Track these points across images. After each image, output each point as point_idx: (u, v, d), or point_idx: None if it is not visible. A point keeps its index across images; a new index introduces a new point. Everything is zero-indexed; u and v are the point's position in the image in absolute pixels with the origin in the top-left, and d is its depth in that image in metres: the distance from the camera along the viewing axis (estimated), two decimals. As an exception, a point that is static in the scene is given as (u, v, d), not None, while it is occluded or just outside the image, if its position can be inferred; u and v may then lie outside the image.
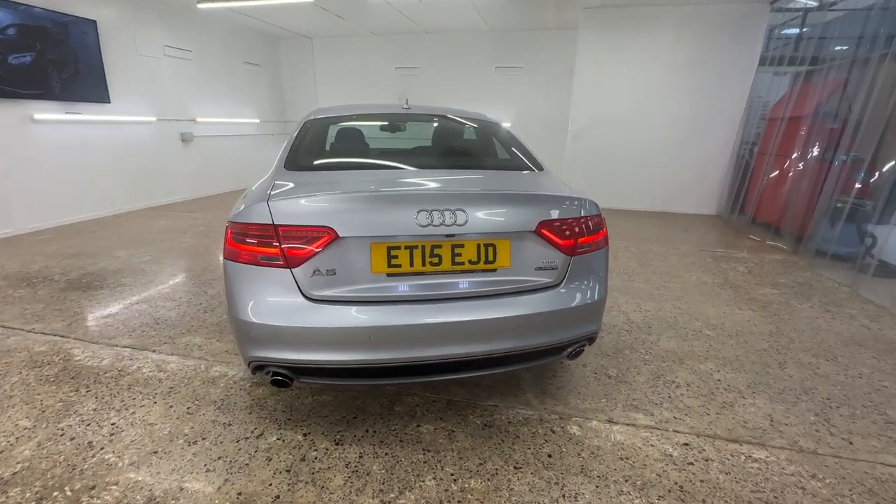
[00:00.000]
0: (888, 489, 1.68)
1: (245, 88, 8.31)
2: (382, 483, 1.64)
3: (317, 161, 2.23)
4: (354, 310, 1.59)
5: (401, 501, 1.56)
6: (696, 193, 6.85)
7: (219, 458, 1.73)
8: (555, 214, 1.74)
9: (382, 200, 1.63)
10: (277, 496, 1.57)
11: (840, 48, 5.10)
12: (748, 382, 2.35)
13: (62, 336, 2.69)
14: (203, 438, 1.84)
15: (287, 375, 1.66)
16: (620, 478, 1.69)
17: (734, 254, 4.76)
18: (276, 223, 1.57)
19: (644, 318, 3.09)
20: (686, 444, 1.88)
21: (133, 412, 2.00)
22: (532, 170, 2.23)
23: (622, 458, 1.79)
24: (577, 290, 1.81)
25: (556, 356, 1.89)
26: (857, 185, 4.20)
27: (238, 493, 1.57)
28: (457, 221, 1.61)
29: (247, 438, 1.85)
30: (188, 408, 2.04)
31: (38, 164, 5.09)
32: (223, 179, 7.98)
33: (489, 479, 1.67)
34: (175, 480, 1.62)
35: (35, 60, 4.84)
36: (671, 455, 1.82)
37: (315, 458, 1.75)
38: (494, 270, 1.70)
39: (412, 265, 1.63)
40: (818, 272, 4.19)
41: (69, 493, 1.55)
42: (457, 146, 2.61)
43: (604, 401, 2.17)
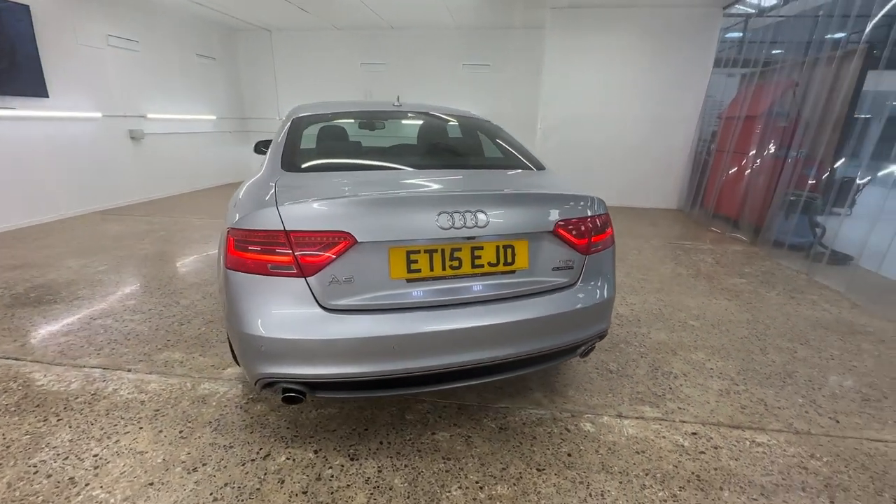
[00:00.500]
0: (877, 463, 1.81)
1: (199, 83, 7.82)
2: (407, 497, 1.57)
3: (317, 161, 2.11)
4: (375, 318, 1.51)
5: (430, 515, 1.50)
6: (659, 189, 7.17)
7: (225, 485, 1.60)
8: (570, 214, 1.74)
9: (402, 203, 1.56)
10: (298, 521, 1.47)
11: (789, 51, 5.48)
12: (738, 369, 2.47)
13: (16, 359, 2.40)
14: (203, 464, 1.69)
15: (300, 391, 1.56)
16: (641, 472, 1.72)
17: (700, 246, 5.01)
18: (288, 229, 1.46)
19: (632, 312, 3.18)
20: (694, 434, 1.94)
21: (117, 440, 1.81)
22: (537, 168, 2.22)
23: (638, 452, 1.82)
24: (592, 289, 1.82)
25: (572, 355, 1.89)
26: (810, 181, 4.53)
27: (253, 522, 1.46)
28: (477, 223, 1.57)
29: (253, 461, 1.72)
30: (180, 431, 1.87)
31: (-34, 166, 4.54)
32: (178, 180, 7.48)
33: (515, 484, 1.65)
34: (179, 513, 1.48)
35: (-42, 49, 4.30)
36: (683, 445, 1.87)
37: (331, 477, 1.65)
38: (513, 272, 1.67)
39: (432, 269, 1.57)
40: (777, 261, 4.49)
41: (56, 539, 1.38)
42: (459, 145, 2.56)
43: (610, 396, 2.20)
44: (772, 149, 5.00)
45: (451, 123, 2.65)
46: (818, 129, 4.67)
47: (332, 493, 1.58)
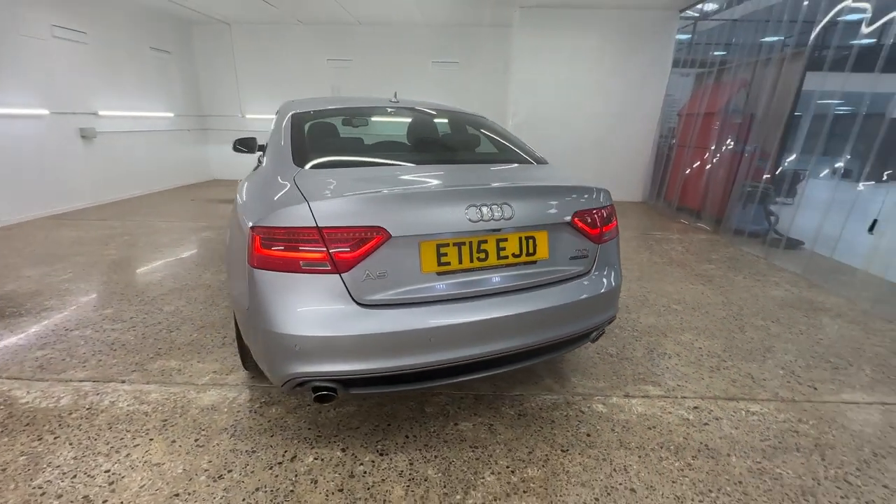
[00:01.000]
0: (853, 423, 2.02)
1: (154, 78, 7.37)
2: (444, 486, 1.60)
3: (330, 157, 2.07)
4: (409, 312, 1.52)
5: (470, 502, 1.54)
6: (625, 182, 7.51)
7: (257, 490, 1.56)
8: (585, 205, 1.82)
9: (434, 197, 1.57)
10: (339, 519, 1.46)
11: (739, 53, 5.89)
12: (723, 347, 2.66)
13: (-11, 377, 2.21)
14: (229, 471, 1.64)
15: (333, 389, 1.54)
16: (655, 445, 1.84)
17: (669, 236, 5.32)
18: (321, 225, 1.44)
19: (620, 299, 3.33)
20: (696, 408, 2.09)
21: (128, 454, 1.71)
22: (538, 163, 2.29)
23: (650, 428, 1.94)
24: (604, 277, 1.91)
25: (586, 340, 1.98)
26: (765, 174, 4.92)
27: (294, 524, 1.44)
28: (504, 215, 1.61)
29: (280, 463, 1.68)
30: (196, 440, 1.80)
31: None
32: (135, 181, 7.03)
33: (543, 466, 1.71)
34: (214, 522, 1.43)
35: None
36: (688, 419, 2.01)
37: (364, 473, 1.65)
38: (535, 262, 1.73)
39: (461, 262, 1.60)
40: (739, 248, 4.84)
41: (85, 560, 1.30)
42: (465, 140, 2.57)
43: (614, 378, 2.32)
44: (730, 144, 5.38)
45: (452, 119, 2.67)
46: (767, 126, 5.08)
47: (369, 489, 1.58)
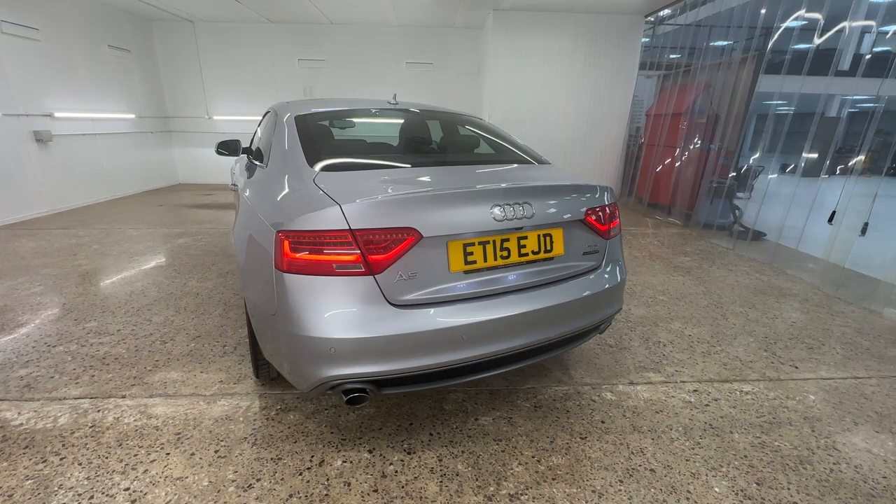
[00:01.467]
0: (834, 396, 2.21)
1: (114, 78, 6.98)
2: (476, 479, 1.64)
3: (346, 160, 2.06)
4: (440, 311, 1.55)
5: (503, 492, 1.59)
6: (597, 180, 7.76)
7: (290, 496, 1.54)
8: (595, 202, 1.91)
9: (463, 197, 1.61)
10: (379, 518, 1.47)
11: (700, 56, 6.25)
12: (710, 333, 2.84)
13: (-29, 399, 2.06)
14: (257, 480, 1.61)
15: (365, 390, 1.55)
16: (665, 428, 1.95)
17: (644, 231, 5.57)
18: (354, 227, 1.45)
19: (609, 292, 3.48)
20: (696, 391, 2.23)
21: (146, 470, 1.65)
22: (540, 163, 2.37)
23: (658, 412, 2.06)
24: (613, 271, 2.01)
25: (596, 333, 2.07)
26: (731, 172, 5.24)
27: (335, 526, 1.44)
28: (525, 214, 1.67)
29: (309, 469, 1.67)
30: (216, 451, 1.75)
31: None
32: (95, 187, 6.65)
33: (566, 454, 1.78)
34: (252, 532, 1.41)
35: None
36: (690, 402, 2.14)
37: (396, 472, 1.67)
38: (552, 259, 1.80)
39: (486, 260, 1.65)
40: (709, 240, 5.15)
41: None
42: (471, 142, 2.59)
43: (616, 367, 2.43)
44: (697, 142, 5.70)
45: (453, 121, 2.70)
46: (728, 125, 5.43)
47: (403, 487, 1.60)
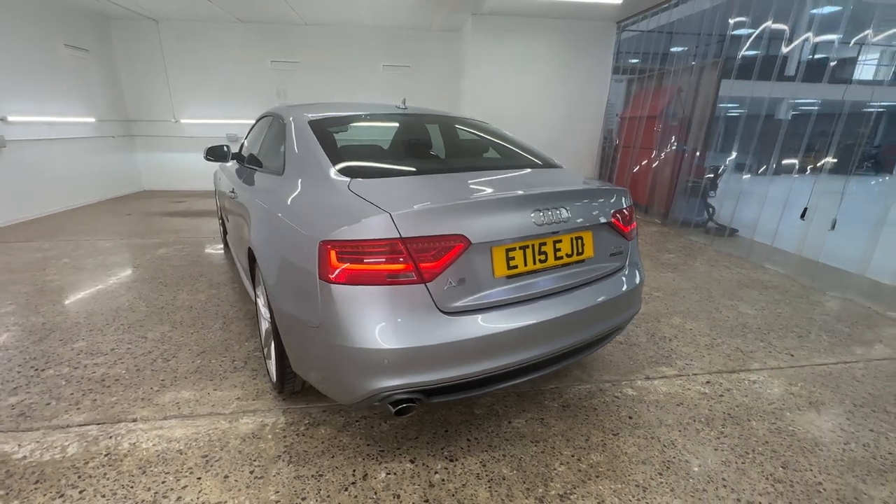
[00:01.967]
0: (830, 381, 2.38)
1: (72, 79, 6.54)
2: (523, 482, 1.65)
3: (376, 165, 2.02)
4: (487, 316, 1.56)
5: (552, 493, 1.61)
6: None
7: (341, 513, 1.50)
8: (619, 205, 1.97)
9: (507, 203, 1.62)
10: (437, 528, 1.45)
11: (669, 62, 6.56)
12: (709, 327, 2.98)
13: (-42, 433, 1.87)
14: (303, 499, 1.56)
15: (413, 400, 1.53)
16: (689, 419, 2.03)
17: (626, 229, 5.77)
18: (404, 236, 1.43)
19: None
20: (708, 382, 2.34)
21: (178, 497, 1.56)
22: (559, 167, 2.42)
23: (679, 405, 2.14)
24: (634, 272, 2.07)
25: (618, 333, 2.13)
26: (705, 172, 5.53)
27: (394, 541, 1.41)
28: (562, 218, 1.70)
29: (353, 483, 1.63)
30: (251, 472, 1.68)
31: None
32: (55, 195, 6.21)
33: (603, 451, 1.83)
34: (309, 553, 1.36)
35: None
36: (706, 393, 2.24)
37: (443, 481, 1.65)
38: (583, 261, 1.84)
39: (526, 264, 1.66)
40: (687, 238, 5.40)
41: None
42: (490, 146, 2.59)
43: (631, 363, 2.51)
44: (672, 143, 5.97)
45: (468, 125, 2.70)
46: (697, 127, 5.73)
47: (454, 496, 1.59)
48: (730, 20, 5.37)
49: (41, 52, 5.99)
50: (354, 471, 1.69)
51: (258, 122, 3.31)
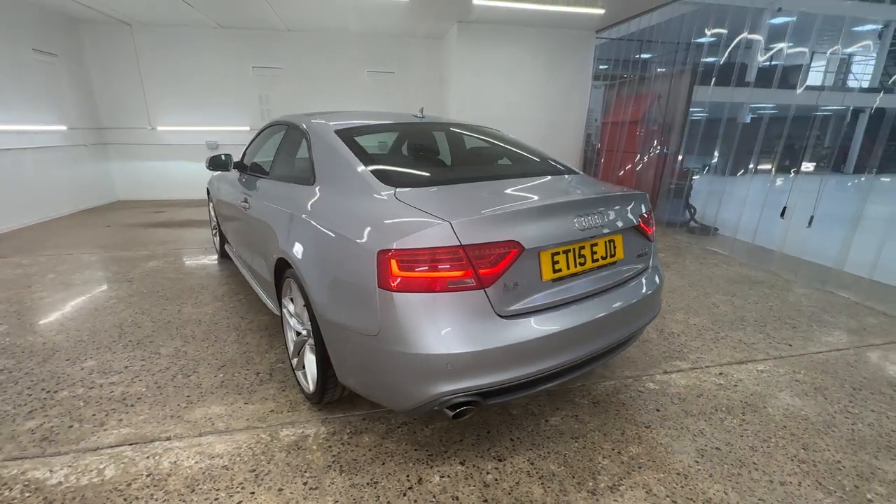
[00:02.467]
0: (828, 367, 2.57)
1: (41, 86, 6.22)
2: (572, 477, 1.72)
3: (412, 174, 2.04)
4: (538, 319, 1.62)
5: (602, 485, 1.68)
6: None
7: (405, 518, 1.52)
8: (643, 208, 2.08)
9: (556, 209, 1.69)
10: (501, 526, 1.50)
11: (644, 69, 6.86)
12: (711, 321, 3.15)
13: (-21, 462, 1.78)
14: (363, 506, 1.57)
15: (471, 403, 1.57)
16: (711, 409, 2.16)
17: (614, 230, 5.98)
18: (464, 243, 1.47)
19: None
20: (721, 374, 2.48)
21: (236, 513, 1.54)
22: (578, 172, 2.51)
23: (699, 396, 2.27)
24: (656, 272, 2.19)
25: (640, 332, 2.23)
26: (690, 174, 5.81)
27: (463, 541, 1.44)
28: (600, 222, 1.79)
29: (410, 488, 1.65)
30: (304, 483, 1.67)
31: None
32: (25, 208, 5.88)
33: (640, 443, 1.92)
34: (383, 559, 1.38)
35: None
36: (721, 384, 2.38)
37: (496, 481, 1.70)
38: (615, 263, 1.93)
39: (569, 267, 1.74)
40: (673, 237, 5.65)
41: None
42: (513, 154, 2.64)
43: (646, 359, 2.63)
44: (654, 147, 6.24)
45: (487, 134, 2.75)
46: (675, 131, 6.03)
47: (510, 494, 1.64)
48: (706, 30, 5.68)
49: (6, 57, 5.67)
50: (408, 476, 1.72)
51: (264, 131, 3.28)
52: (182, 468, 1.75)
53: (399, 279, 1.47)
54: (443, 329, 1.47)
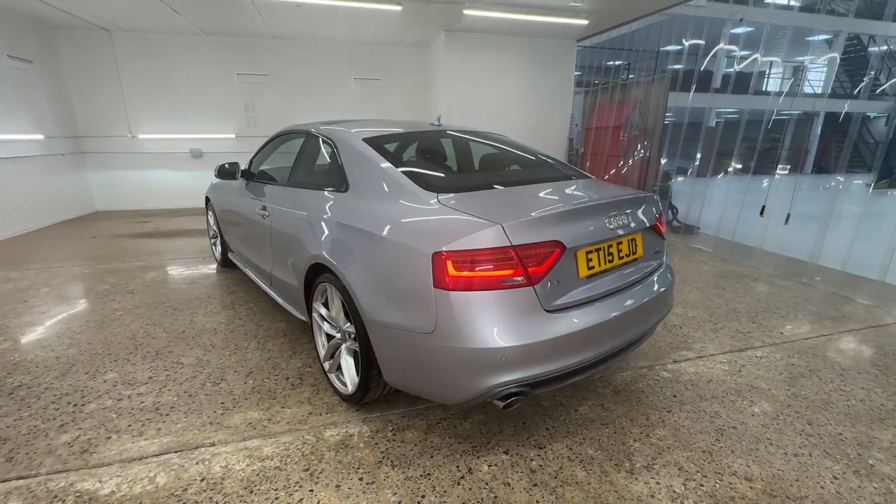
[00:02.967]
0: (818, 351, 2.81)
1: (16, 93, 5.98)
2: (610, 459, 1.85)
3: (453, 180, 2.15)
4: (578, 313, 1.74)
5: (638, 465, 1.81)
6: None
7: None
8: (657, 209, 2.24)
9: (592, 210, 1.82)
10: (554, 507, 1.61)
11: (620, 76, 7.19)
12: (707, 314, 3.37)
13: (21, 477, 1.76)
14: (422, 497, 1.65)
15: (521, 393, 1.68)
16: (721, 393, 2.34)
17: (603, 231, 6.23)
18: (514, 244, 1.58)
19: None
20: (725, 361, 2.67)
21: (300, 510, 1.59)
22: (590, 177, 2.67)
23: (709, 381, 2.44)
24: (668, 269, 2.35)
25: (657, 325, 2.39)
26: (674, 176, 6.12)
27: (522, 522, 1.54)
28: (626, 223, 1.94)
29: (463, 478, 1.74)
30: (360, 478, 1.74)
31: None
32: (2, 220, 5.63)
33: (664, 426, 2.07)
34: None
35: None
36: (727, 370, 2.57)
37: (541, 466, 1.81)
38: (636, 260, 2.09)
39: (600, 265, 1.88)
40: (658, 236, 5.93)
41: None
42: (531, 161, 2.74)
43: (655, 350, 2.80)
44: (637, 151, 6.54)
45: (503, 142, 2.87)
46: (655, 136, 6.35)
47: (556, 478, 1.75)
48: (685, 41, 6.02)
49: (-18, 64, 5.45)
50: (458, 466, 1.80)
51: (274, 140, 3.31)
52: (234, 471, 1.78)
53: (455, 279, 1.57)
54: (497, 324, 1.58)
